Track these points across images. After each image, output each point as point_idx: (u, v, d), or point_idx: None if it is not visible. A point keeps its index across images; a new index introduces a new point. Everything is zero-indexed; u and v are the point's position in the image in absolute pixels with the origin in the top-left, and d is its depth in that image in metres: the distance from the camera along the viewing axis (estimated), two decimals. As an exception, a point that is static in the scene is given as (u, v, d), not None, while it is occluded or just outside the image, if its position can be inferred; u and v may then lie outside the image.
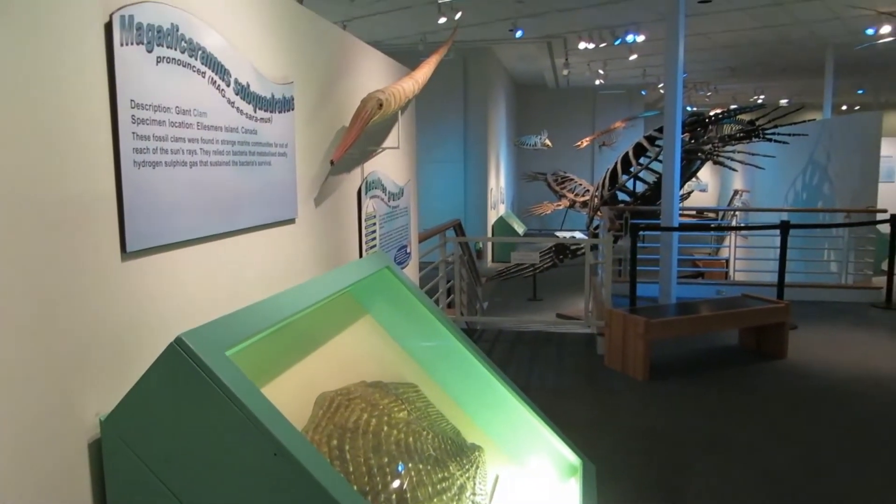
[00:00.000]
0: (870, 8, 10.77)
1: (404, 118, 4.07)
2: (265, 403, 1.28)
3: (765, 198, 12.84)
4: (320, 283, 1.87)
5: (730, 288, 8.13)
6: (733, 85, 20.77)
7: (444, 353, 2.27)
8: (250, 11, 2.27)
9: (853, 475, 3.60)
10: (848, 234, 8.57)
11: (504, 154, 18.49)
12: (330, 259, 3.03)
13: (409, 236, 4.42)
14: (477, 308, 8.66)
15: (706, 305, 5.90)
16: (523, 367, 5.60)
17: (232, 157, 2.09)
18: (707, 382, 5.12)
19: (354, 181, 3.36)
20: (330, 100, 3.02)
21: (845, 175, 9.51)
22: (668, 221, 7.26)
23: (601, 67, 16.48)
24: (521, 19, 11.73)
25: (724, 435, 4.14)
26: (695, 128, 9.51)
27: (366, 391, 1.82)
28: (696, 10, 11.18)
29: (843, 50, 14.18)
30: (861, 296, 8.07)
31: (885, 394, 4.85)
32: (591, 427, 4.29)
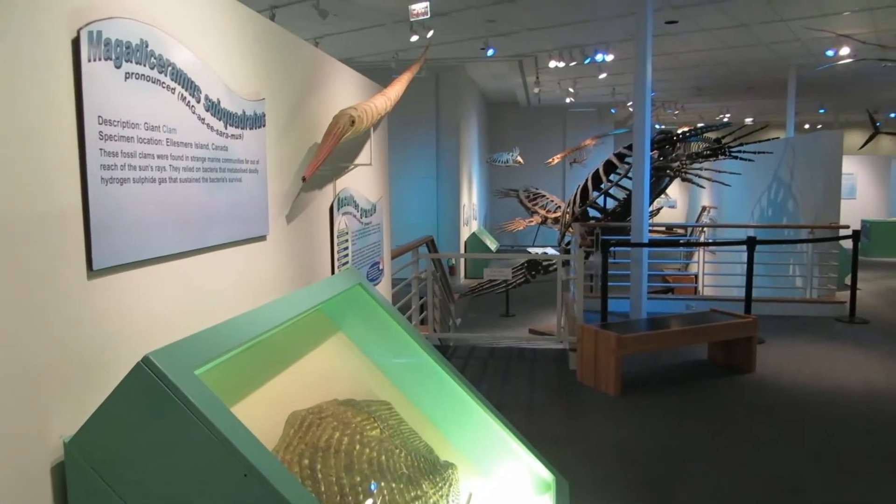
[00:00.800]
0: (829, 30, 11.12)
1: (377, 135, 4.08)
2: (235, 423, 1.26)
3: (731, 214, 13.08)
4: (292, 300, 1.86)
5: (699, 303, 8.25)
6: (700, 104, 21.22)
7: (417, 370, 2.26)
8: (221, 28, 2.26)
9: (823, 487, 3.65)
10: (812, 250, 8.76)
11: (476, 171, 18.59)
12: (302, 276, 3.01)
13: (381, 253, 4.41)
14: (450, 324, 8.65)
15: (676, 320, 5.98)
16: (496, 383, 5.60)
17: (202, 174, 2.07)
18: (678, 397, 5.18)
19: (326, 198, 3.35)
20: (302, 116, 3.02)
21: (808, 192, 9.75)
22: (638, 237, 7.35)
23: (571, 86, 16.71)
24: (492, 38, 11.86)
25: (696, 449, 4.18)
26: (663, 145, 9.68)
27: (338, 409, 1.80)
28: (664, 30, 11.43)
29: (804, 70, 14.59)
30: (825, 310, 8.24)
31: (850, 406, 4.95)
32: (565, 443, 4.29)
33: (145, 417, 1.27)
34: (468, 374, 5.77)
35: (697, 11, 10.49)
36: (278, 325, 1.71)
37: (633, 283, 7.46)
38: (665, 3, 9.81)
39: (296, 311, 1.81)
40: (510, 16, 10.61)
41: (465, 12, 10.37)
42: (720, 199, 14.59)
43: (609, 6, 10.04)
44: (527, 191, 15.22)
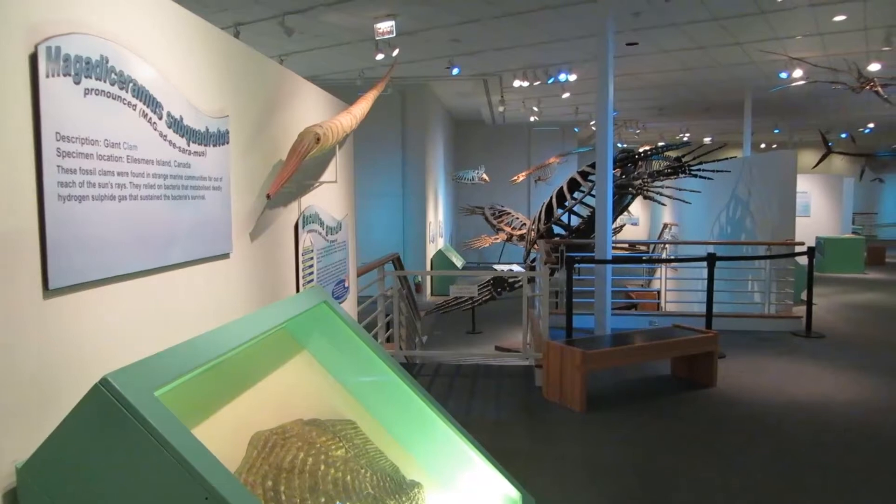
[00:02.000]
0: (782, 53, 11.51)
1: (342, 152, 4.08)
2: (196, 445, 1.23)
3: (692, 231, 13.36)
4: (255, 318, 1.84)
5: (661, 318, 8.38)
6: (661, 123, 21.70)
7: (383, 388, 2.25)
8: (184, 44, 2.25)
9: (785, 499, 3.72)
10: (769, 266, 8.98)
11: (442, 188, 18.67)
12: (266, 294, 2.98)
13: (347, 270, 4.39)
14: (416, 342, 8.63)
15: (639, 336, 6.06)
16: (462, 401, 5.59)
17: (164, 191, 2.04)
18: (642, 412, 5.23)
19: (291, 215, 3.33)
20: (266, 133, 3.00)
21: (765, 209, 10.01)
22: (601, 254, 7.45)
23: (535, 105, 16.95)
24: (457, 57, 11.98)
25: (661, 465, 4.22)
26: (625, 164, 9.85)
27: (302, 429, 1.78)
28: (625, 51, 11.69)
29: (759, 92, 15.06)
30: (783, 325, 8.44)
31: (808, 418, 5.06)
32: (531, 459, 4.30)
33: (103, 440, 1.24)
34: (434, 391, 5.75)
35: (657, 34, 10.77)
36: (242, 345, 1.68)
37: (597, 299, 7.54)
38: (626, 26, 10.05)
39: (259, 329, 1.79)
40: (475, 36, 10.74)
41: (430, 31, 10.47)
42: (681, 217, 14.90)
43: (571, 28, 10.24)
44: (492, 208, 15.32)
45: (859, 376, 6.19)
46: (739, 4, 9.22)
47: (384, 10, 9.16)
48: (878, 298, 11.08)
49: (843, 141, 21.15)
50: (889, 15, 9.73)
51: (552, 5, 9.15)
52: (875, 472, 4.05)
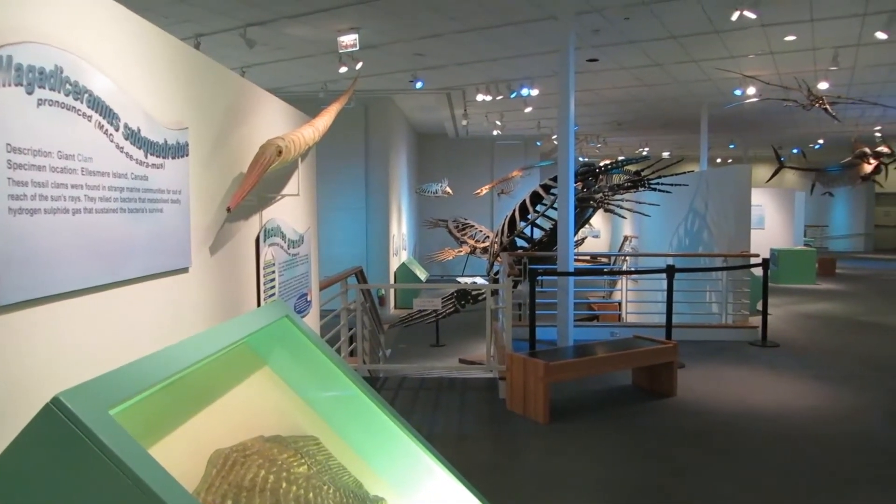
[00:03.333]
0: (736, 71, 11.85)
1: (304, 165, 4.05)
2: (153, 465, 1.20)
3: (652, 243, 13.59)
4: (215, 334, 1.80)
5: (622, 329, 8.48)
6: (620, 138, 22.11)
7: (346, 403, 2.22)
8: (142, 55, 2.21)
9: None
10: (726, 277, 9.19)
11: (406, 201, 18.66)
12: (226, 309, 2.93)
13: (309, 284, 4.34)
14: (380, 356, 8.57)
15: (601, 347, 6.13)
16: (427, 414, 5.56)
17: (120, 204, 2.00)
18: (604, 423, 5.28)
19: (252, 228, 3.29)
20: (227, 146, 2.97)
21: (721, 222, 10.25)
22: (563, 266, 7.52)
23: (498, 119, 17.11)
24: (421, 71, 12.04)
25: (622, 475, 4.26)
26: (586, 177, 9.99)
27: (263, 446, 1.75)
28: (585, 67, 11.90)
29: (715, 108, 15.47)
30: (740, 334, 8.63)
31: (765, 426, 5.17)
32: (495, 472, 4.29)
33: (54, 463, 1.19)
34: (398, 405, 5.72)
35: (616, 50, 10.99)
36: (200, 361, 1.65)
37: (559, 311, 7.61)
38: (586, 42, 10.24)
39: (219, 345, 1.76)
40: (438, 50, 10.81)
41: (393, 45, 10.50)
42: (641, 229, 15.15)
43: (533, 44, 10.39)
44: (456, 221, 15.37)
45: (813, 384, 6.36)
46: (695, 24, 9.48)
47: (347, 24, 9.17)
48: (829, 308, 11.42)
49: (795, 156, 21.84)
50: (836, 36, 10.11)
51: (514, 21, 9.27)
52: (828, 478, 4.16)
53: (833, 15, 9.12)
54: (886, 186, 17.61)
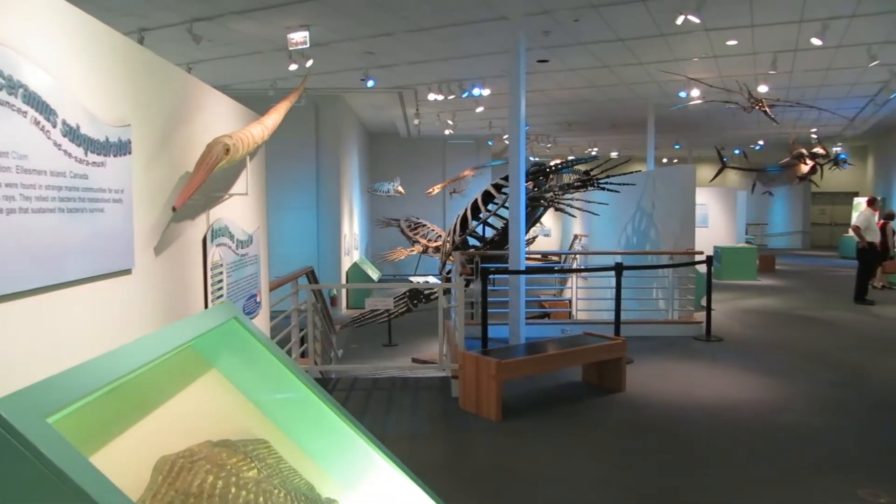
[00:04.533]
0: (680, 74, 12.17)
1: (253, 164, 3.98)
2: (95, 474, 1.16)
3: (601, 241, 13.85)
4: (160, 337, 1.76)
5: (573, 327, 8.61)
6: (570, 138, 22.44)
7: (297, 405, 2.20)
8: (82, 49, 2.14)
9: (691, 498, 3.89)
10: (672, 274, 9.42)
11: (357, 201, 18.54)
12: (172, 311, 2.86)
13: (258, 285, 4.27)
14: (331, 356, 8.49)
15: (552, 344, 6.21)
16: (379, 415, 5.54)
17: (58, 204, 1.93)
18: (556, 419, 5.35)
19: (199, 228, 3.22)
20: (172, 144, 2.89)
21: (667, 221, 10.51)
22: (515, 265, 7.59)
23: (450, 118, 17.15)
24: (372, 69, 11.97)
25: (574, 470, 4.33)
26: (537, 177, 10.12)
27: (211, 452, 1.71)
28: (535, 68, 12.04)
29: (661, 109, 15.85)
30: (685, 330, 8.87)
31: (709, 418, 5.33)
32: (448, 471, 4.31)
33: (-12, 473, 1.14)
34: (350, 406, 5.68)
35: (565, 52, 11.15)
36: (144, 365, 1.60)
37: (511, 309, 7.67)
38: (536, 43, 10.35)
39: (164, 348, 1.71)
40: (389, 49, 10.77)
41: (344, 43, 10.41)
42: (590, 228, 15.41)
43: (484, 44, 10.45)
44: (408, 220, 15.36)
45: (754, 377, 6.58)
46: (642, 27, 9.69)
47: (297, 21, 9.04)
48: (769, 303, 11.85)
49: (737, 156, 22.56)
50: (774, 41, 10.48)
51: (465, 21, 9.31)
52: (767, 466, 4.31)
53: (772, 21, 9.46)
54: (822, 186, 18.37)
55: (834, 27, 9.45)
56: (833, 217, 27.85)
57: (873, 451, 4.60)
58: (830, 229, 27.63)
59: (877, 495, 3.84)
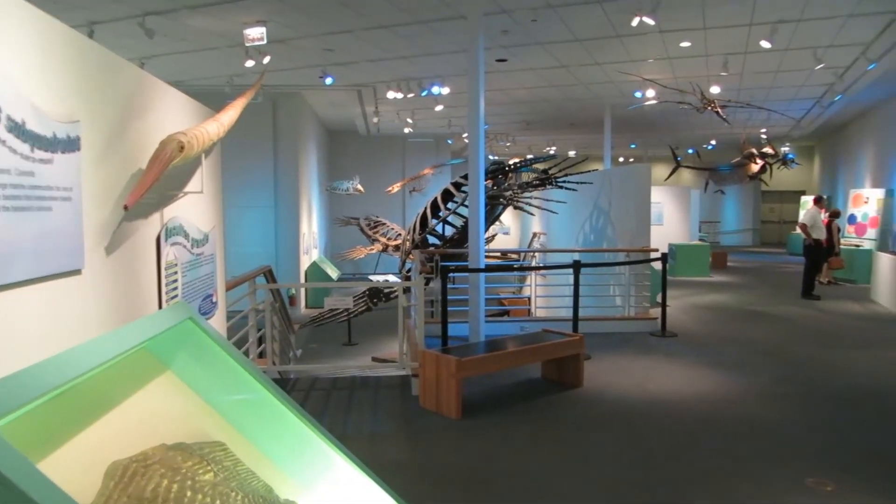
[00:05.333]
0: (636, 75, 12.39)
1: (209, 161, 3.91)
2: (43, 481, 1.13)
3: (559, 239, 14.00)
4: (112, 338, 1.71)
5: (532, 324, 8.69)
6: (529, 137, 22.63)
7: (254, 406, 2.17)
8: (29, 42, 2.07)
9: (645, 491, 3.97)
10: (628, 271, 9.59)
11: (316, 199, 18.36)
12: (124, 312, 2.79)
13: (215, 285, 4.20)
14: (290, 356, 8.41)
15: (512, 342, 6.26)
16: (339, 414, 5.51)
17: (2, 202, 1.86)
18: (515, 416, 5.40)
19: (153, 227, 3.14)
20: (124, 140, 2.82)
21: (624, 219, 10.69)
22: (475, 263, 7.63)
23: (410, 116, 17.12)
24: (330, 67, 11.87)
25: (533, 465, 4.37)
26: (496, 175, 10.17)
27: (166, 455, 1.68)
28: (495, 67, 12.10)
29: (617, 109, 16.11)
30: (641, 326, 9.04)
31: (664, 412, 5.44)
32: (409, 470, 4.31)
33: (-72, 483, 1.10)
34: (310, 406, 5.63)
35: (524, 51, 11.24)
36: (95, 368, 1.56)
37: (471, 307, 7.71)
38: (495, 43, 10.41)
39: (116, 350, 1.67)
40: (348, 46, 10.70)
41: (302, 40, 10.30)
42: (549, 226, 15.57)
43: (443, 43, 10.46)
44: (367, 219, 15.28)
45: (707, 371, 6.74)
46: (598, 27, 9.83)
47: (254, 17, 8.91)
48: (721, 299, 12.15)
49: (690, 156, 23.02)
50: (726, 44, 10.75)
51: (424, 20, 9.30)
52: (719, 458, 4.43)
53: (723, 24, 9.70)
54: (771, 185, 18.92)
55: (782, 31, 9.74)
56: (782, 215, 28.75)
57: (820, 442, 4.77)
58: (779, 227, 28.51)
59: (823, 484, 3.98)
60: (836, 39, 10.42)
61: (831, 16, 9.28)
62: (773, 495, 3.85)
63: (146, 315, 2.42)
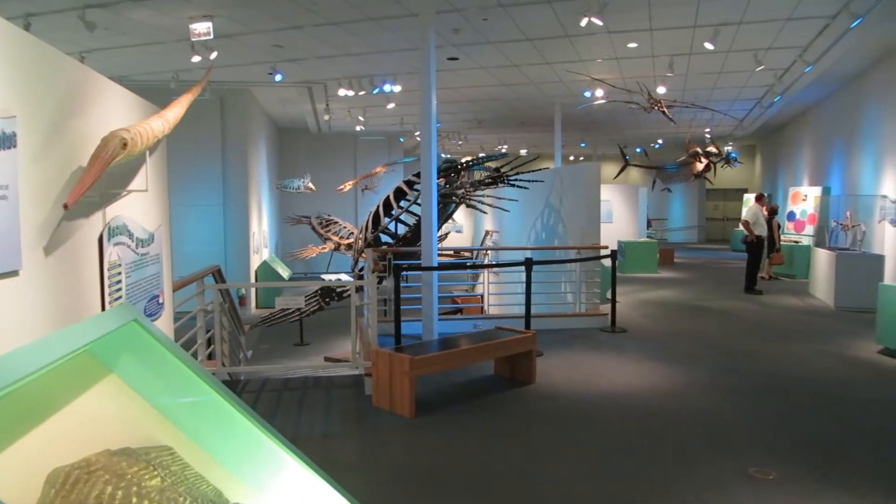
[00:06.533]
0: (585, 74, 12.59)
1: (153, 159, 3.81)
2: (-22, 490, 1.09)
3: (511, 237, 14.13)
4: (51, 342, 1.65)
5: (485, 321, 8.75)
6: (481, 135, 22.76)
7: (203, 409, 2.13)
8: (-42, 35, 1.98)
9: (595, 483, 4.05)
10: (579, 268, 9.74)
11: (267, 197, 18.08)
12: (66, 314, 2.70)
13: (161, 285, 4.10)
14: (240, 358, 8.26)
15: (465, 339, 6.29)
16: (291, 415, 5.44)
17: (-68, 201, 1.78)
18: (469, 413, 5.43)
19: (95, 227, 3.05)
20: (63, 137, 2.73)
21: (574, 216, 10.85)
22: (428, 261, 7.63)
23: (361, 114, 17.01)
24: (280, 63, 11.70)
25: (486, 462, 4.41)
26: (449, 173, 10.20)
27: (110, 461, 1.63)
28: (446, 65, 12.13)
29: (567, 108, 16.34)
30: (592, 322, 9.20)
31: (613, 405, 5.55)
32: (362, 470, 4.29)
33: None
34: (260, 408, 5.54)
35: (475, 50, 11.30)
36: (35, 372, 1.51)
37: (424, 305, 7.71)
38: (447, 41, 10.43)
39: (57, 353, 1.62)
40: (298, 42, 10.56)
41: (251, 36, 10.13)
42: (501, 224, 15.69)
43: (394, 40, 10.43)
44: (319, 217, 15.14)
45: (655, 365, 6.91)
46: (548, 27, 9.95)
47: (200, 11, 8.71)
48: (668, 294, 12.47)
49: (638, 155, 23.58)
50: (671, 45, 11.02)
51: (374, 17, 9.26)
52: (669, 449, 4.55)
53: (669, 25, 9.94)
54: (715, 183, 19.49)
55: (724, 33, 10.04)
56: (725, 212, 29.67)
57: (762, 432, 4.94)
58: (723, 224, 29.41)
59: (766, 472, 4.13)
60: (775, 42, 10.81)
61: (770, 19, 9.61)
62: (718, 485, 3.98)
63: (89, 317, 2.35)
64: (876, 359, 7.18)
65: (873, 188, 11.70)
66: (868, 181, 12.14)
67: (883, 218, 10.93)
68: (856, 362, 7.04)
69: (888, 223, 10.68)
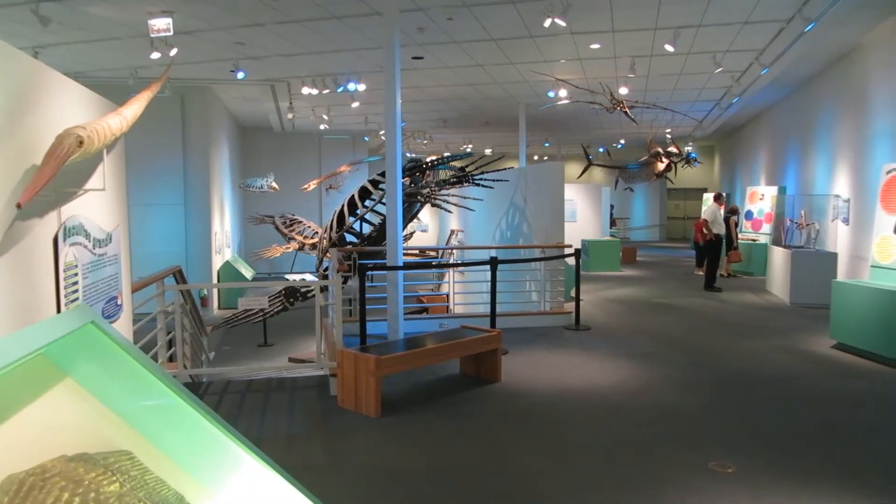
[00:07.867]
0: (549, 74, 12.70)
1: (111, 157, 3.72)
2: (-74, 500, 1.05)
3: (476, 237, 14.18)
4: (5, 345, 1.61)
5: (451, 320, 8.77)
6: (446, 134, 22.78)
7: (163, 412, 2.09)
8: None
9: (560, 478, 4.09)
10: (544, 267, 9.83)
11: (229, 197, 17.82)
12: (19, 317, 2.62)
13: (119, 286, 4.01)
14: (202, 360, 8.13)
15: (430, 339, 6.29)
16: (255, 417, 5.37)
17: None
18: (434, 412, 5.43)
19: (50, 227, 2.97)
20: (15, 135, 2.65)
21: (539, 216, 10.95)
22: (393, 261, 7.62)
23: (325, 113, 16.87)
24: (242, 60, 11.53)
25: (451, 462, 4.42)
26: (414, 173, 10.19)
27: (66, 467, 1.59)
28: (411, 64, 12.11)
29: (531, 108, 16.46)
30: (556, 320, 9.29)
31: (579, 403, 5.62)
32: (327, 471, 4.26)
33: None
34: (223, 410, 5.47)
35: (440, 49, 11.30)
36: (-14, 377, 1.46)
37: (389, 305, 7.69)
38: (411, 40, 10.41)
39: (10, 357, 1.57)
40: (260, 39, 10.43)
41: (212, 32, 9.96)
42: (466, 223, 15.74)
43: (359, 39, 10.37)
44: (283, 217, 14.97)
45: (619, 362, 7.01)
46: (512, 28, 10.01)
47: (158, 6, 8.54)
48: (631, 292, 12.66)
49: (601, 154, 23.88)
50: (633, 47, 11.19)
51: (338, 15, 9.19)
52: (631, 444, 4.62)
53: (630, 27, 10.08)
54: (676, 183, 19.84)
55: (684, 35, 10.23)
56: (686, 211, 30.23)
57: (721, 426, 5.05)
58: (683, 222, 29.96)
59: (725, 466, 4.22)
60: (733, 45, 11.05)
61: (728, 22, 9.82)
62: (679, 478, 4.06)
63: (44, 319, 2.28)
64: (830, 353, 7.40)
65: (827, 188, 12.05)
66: (822, 181, 12.50)
67: (836, 217, 11.26)
68: (811, 357, 7.24)
69: (840, 222, 11.02)
